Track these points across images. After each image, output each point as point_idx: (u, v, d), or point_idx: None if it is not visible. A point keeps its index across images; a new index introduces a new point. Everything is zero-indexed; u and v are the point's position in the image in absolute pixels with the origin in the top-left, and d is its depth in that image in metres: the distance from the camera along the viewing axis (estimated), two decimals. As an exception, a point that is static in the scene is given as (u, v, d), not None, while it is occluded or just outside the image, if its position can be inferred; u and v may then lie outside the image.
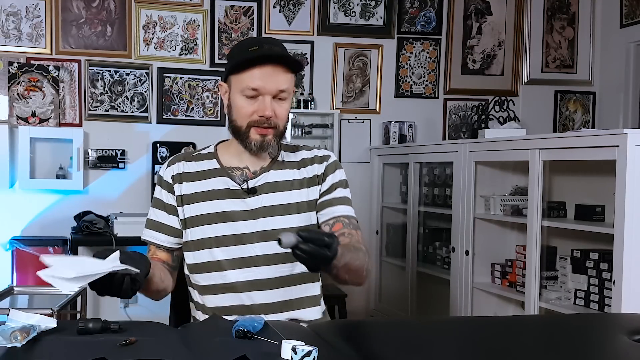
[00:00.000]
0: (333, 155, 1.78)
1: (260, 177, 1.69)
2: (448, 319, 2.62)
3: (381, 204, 4.41)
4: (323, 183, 1.72)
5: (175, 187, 1.72)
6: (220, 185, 1.69)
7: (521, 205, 3.18)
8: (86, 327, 1.28)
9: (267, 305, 1.64)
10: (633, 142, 2.35)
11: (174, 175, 1.72)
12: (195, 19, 4.29)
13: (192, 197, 1.70)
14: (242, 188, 1.67)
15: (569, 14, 4.73)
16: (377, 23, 4.51)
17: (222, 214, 1.66)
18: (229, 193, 1.68)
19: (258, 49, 1.60)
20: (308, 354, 1.13)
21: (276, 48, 1.63)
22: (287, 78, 1.62)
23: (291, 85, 1.65)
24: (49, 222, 4.06)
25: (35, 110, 4.05)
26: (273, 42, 1.66)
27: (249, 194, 1.67)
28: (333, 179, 1.72)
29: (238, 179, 1.69)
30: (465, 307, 3.38)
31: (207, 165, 1.73)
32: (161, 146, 4.22)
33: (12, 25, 4.06)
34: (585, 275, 2.75)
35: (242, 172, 1.70)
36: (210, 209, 1.67)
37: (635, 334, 1.40)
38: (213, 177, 1.70)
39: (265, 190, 1.67)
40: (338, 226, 1.66)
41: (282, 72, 1.61)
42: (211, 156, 1.74)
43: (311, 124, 4.43)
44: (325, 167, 1.73)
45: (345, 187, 1.74)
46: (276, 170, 1.70)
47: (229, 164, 1.71)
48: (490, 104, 3.86)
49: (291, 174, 1.71)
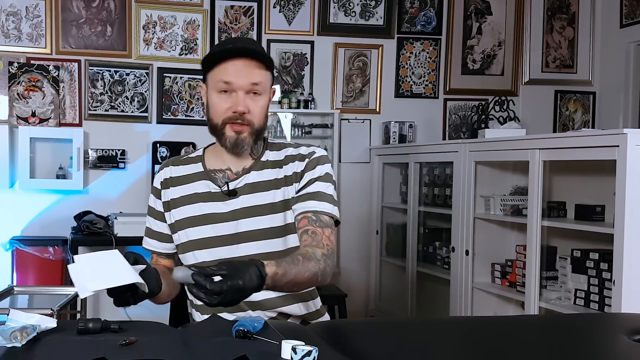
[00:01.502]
0: (319, 151, 1.70)
1: (242, 178, 1.68)
2: (448, 319, 2.61)
3: (381, 204, 4.41)
4: (300, 180, 1.66)
5: (162, 193, 1.74)
6: (202, 189, 1.70)
7: (521, 205, 3.18)
8: (86, 327, 1.28)
9: (253, 303, 1.64)
10: (633, 142, 2.35)
11: (162, 181, 1.76)
12: (195, 19, 4.29)
13: (177, 201, 1.72)
14: (222, 190, 1.68)
15: (569, 14, 4.73)
16: (377, 23, 4.51)
17: (204, 217, 1.67)
18: (210, 196, 1.68)
19: (231, 46, 1.63)
20: (308, 354, 1.13)
21: (250, 46, 1.63)
22: (260, 73, 1.61)
23: (266, 80, 1.63)
24: (49, 222, 4.06)
25: (35, 110, 4.05)
26: (248, 41, 1.70)
27: (229, 196, 1.67)
28: (312, 175, 1.66)
29: (220, 181, 1.69)
30: (465, 307, 3.38)
31: (193, 169, 1.74)
32: (161, 146, 4.22)
33: (12, 25, 4.06)
34: (585, 275, 2.75)
35: (224, 174, 1.70)
36: (193, 212, 1.69)
37: (635, 334, 1.40)
38: (196, 181, 1.72)
39: (245, 192, 1.67)
40: (303, 223, 1.60)
41: (254, 67, 1.60)
42: (198, 159, 1.76)
43: (311, 124, 4.43)
44: (305, 163, 1.67)
45: (326, 182, 1.66)
46: (257, 171, 1.69)
47: (212, 167, 1.72)
48: (490, 104, 3.86)
49: (273, 173, 1.69)
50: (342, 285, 4.23)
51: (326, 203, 1.63)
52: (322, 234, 1.58)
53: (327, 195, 1.64)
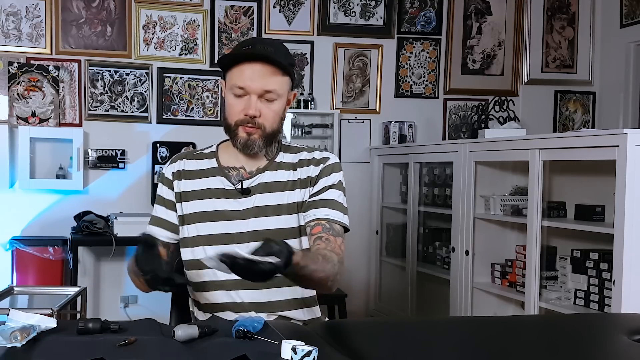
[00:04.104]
0: (333, 158, 1.74)
1: (255, 177, 1.69)
2: (448, 319, 2.61)
3: (381, 204, 4.41)
4: (315, 185, 1.69)
5: (175, 184, 1.74)
6: (216, 185, 1.71)
7: (521, 205, 3.18)
8: (86, 327, 1.29)
9: (256, 304, 1.65)
10: (633, 142, 2.35)
11: (174, 172, 1.75)
12: (195, 19, 4.29)
13: (189, 194, 1.72)
14: (236, 188, 1.68)
15: (569, 14, 4.73)
16: (377, 23, 4.51)
17: (215, 213, 1.68)
18: (223, 192, 1.69)
19: (250, 48, 1.62)
20: (308, 354, 1.13)
21: (270, 48, 1.62)
22: (276, 79, 1.61)
23: (281, 86, 1.63)
24: (49, 222, 4.06)
25: (35, 110, 4.05)
26: (269, 42, 1.65)
27: (242, 194, 1.68)
28: (326, 182, 1.69)
29: (233, 179, 1.70)
30: (465, 307, 3.38)
31: (207, 164, 1.75)
32: (161, 146, 4.22)
33: (12, 25, 4.06)
34: (585, 275, 2.75)
35: (238, 172, 1.71)
36: (205, 207, 1.69)
37: (635, 334, 1.40)
38: (210, 176, 1.72)
39: (258, 191, 1.68)
40: (317, 229, 1.63)
41: (270, 73, 1.60)
42: (212, 155, 1.76)
43: (311, 124, 4.43)
44: (320, 169, 1.70)
45: (339, 190, 1.70)
46: (271, 171, 1.70)
47: (226, 164, 1.73)
48: (490, 104, 3.86)
49: (286, 174, 1.71)
50: (342, 285, 4.23)
51: (339, 212, 1.67)
52: (335, 242, 1.62)
53: (339, 204, 1.69)
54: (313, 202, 1.67)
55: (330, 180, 1.70)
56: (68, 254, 3.75)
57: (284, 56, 1.64)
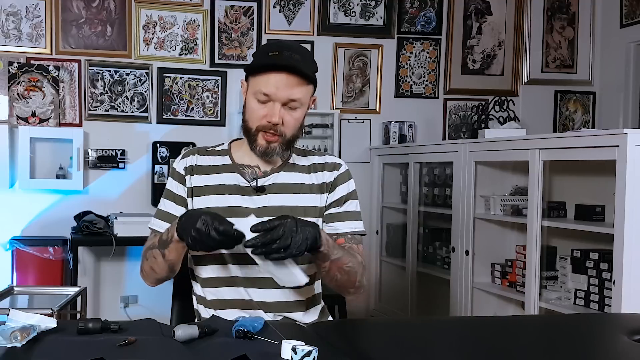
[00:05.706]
0: (345, 165, 1.80)
1: (270, 176, 1.70)
2: (448, 319, 2.62)
3: (381, 204, 4.41)
4: (332, 192, 1.72)
5: (187, 179, 1.73)
6: (231, 181, 1.70)
7: (521, 205, 3.18)
8: (86, 327, 1.29)
9: (264, 303, 1.65)
10: (633, 142, 2.35)
11: (187, 167, 1.74)
12: (195, 19, 4.29)
13: (202, 189, 1.71)
14: (251, 185, 1.68)
15: (569, 14, 4.73)
16: (377, 23, 4.51)
17: (229, 209, 1.66)
18: (238, 189, 1.69)
19: (278, 54, 1.60)
20: (308, 354, 1.13)
21: (296, 56, 1.61)
22: (300, 89, 1.62)
23: (305, 95, 1.65)
24: (49, 222, 4.06)
25: (35, 110, 4.05)
26: (295, 49, 1.64)
27: (257, 192, 1.68)
28: (344, 191, 1.74)
29: (248, 177, 1.70)
30: (465, 307, 3.38)
31: (220, 160, 1.75)
32: (161, 146, 4.22)
33: (12, 25, 4.06)
34: (585, 275, 2.75)
35: (252, 170, 1.71)
36: (219, 203, 1.68)
37: (635, 334, 1.40)
38: (224, 172, 1.72)
39: (274, 190, 1.69)
40: (340, 240, 1.68)
41: (296, 82, 1.61)
42: (224, 153, 1.76)
43: (311, 124, 4.42)
44: (336, 176, 1.74)
45: (356, 199, 1.76)
46: (287, 172, 1.72)
47: (241, 161, 1.73)
48: (490, 104, 3.86)
49: (301, 177, 1.72)
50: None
51: (359, 222, 1.74)
52: (357, 250, 1.69)
53: (358, 213, 1.75)
54: (337, 215, 1.72)
55: (348, 189, 1.76)
56: (68, 254, 3.75)
57: (310, 64, 1.66)
